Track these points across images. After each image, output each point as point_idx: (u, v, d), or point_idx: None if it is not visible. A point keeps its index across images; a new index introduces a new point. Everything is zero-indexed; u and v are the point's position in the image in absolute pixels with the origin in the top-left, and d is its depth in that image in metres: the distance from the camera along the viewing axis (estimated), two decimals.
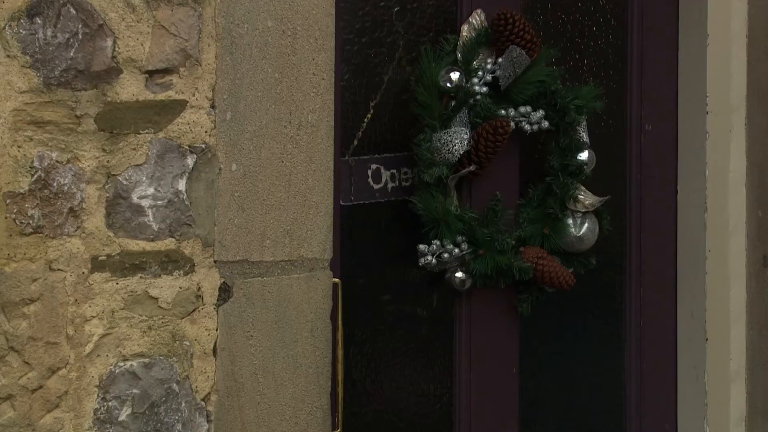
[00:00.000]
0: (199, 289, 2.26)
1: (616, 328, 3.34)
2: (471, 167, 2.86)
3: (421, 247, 2.83)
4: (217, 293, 2.29)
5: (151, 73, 2.20)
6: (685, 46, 3.41)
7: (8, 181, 2.07)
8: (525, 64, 2.88)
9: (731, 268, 3.37)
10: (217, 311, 2.29)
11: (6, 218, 2.07)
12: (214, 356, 2.29)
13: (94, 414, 2.16)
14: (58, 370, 2.13)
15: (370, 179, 2.83)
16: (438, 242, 2.83)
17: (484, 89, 2.87)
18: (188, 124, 2.25)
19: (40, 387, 2.11)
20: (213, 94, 2.27)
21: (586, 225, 3.03)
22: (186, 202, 2.25)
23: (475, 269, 2.86)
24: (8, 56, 2.07)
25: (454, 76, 2.84)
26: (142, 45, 2.19)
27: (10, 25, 2.07)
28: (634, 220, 3.34)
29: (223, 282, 2.29)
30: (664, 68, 3.38)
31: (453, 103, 2.85)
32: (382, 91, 2.88)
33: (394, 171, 2.87)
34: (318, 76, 2.42)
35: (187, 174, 2.25)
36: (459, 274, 2.89)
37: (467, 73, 2.87)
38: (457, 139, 2.80)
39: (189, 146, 2.25)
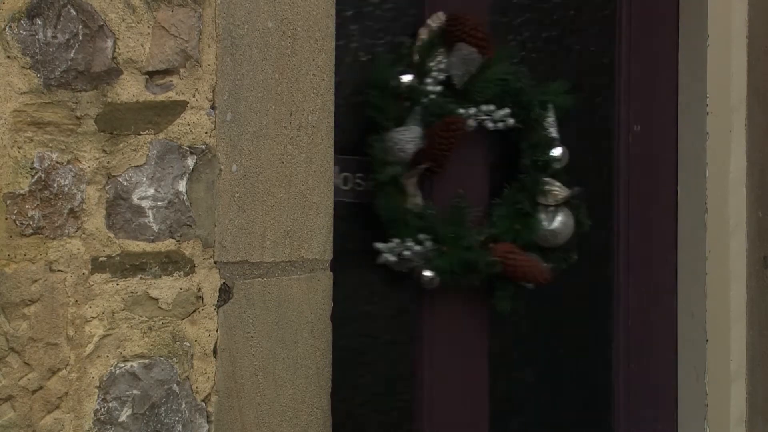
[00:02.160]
0: (199, 289, 2.26)
1: (612, 329, 3.35)
2: (425, 165, 2.89)
3: (379, 245, 2.85)
4: (217, 294, 2.29)
5: (151, 74, 2.20)
6: (685, 47, 3.42)
7: (8, 182, 2.07)
8: (477, 62, 2.93)
9: (731, 268, 3.38)
10: (217, 312, 2.29)
11: (6, 219, 2.07)
12: (215, 357, 2.29)
13: (95, 415, 2.16)
14: (59, 371, 2.13)
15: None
16: (398, 240, 2.85)
17: (438, 88, 2.91)
18: (188, 125, 2.25)
19: (41, 388, 2.11)
20: (213, 95, 2.27)
21: (558, 219, 3.05)
22: (186, 203, 2.25)
23: (439, 266, 2.89)
24: (8, 57, 2.07)
25: (407, 77, 2.89)
26: (142, 46, 2.19)
27: (10, 26, 2.07)
28: (622, 217, 3.36)
29: (224, 283, 2.29)
30: (657, 67, 3.40)
31: (407, 104, 2.89)
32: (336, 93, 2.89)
33: (348, 174, 2.90)
34: (318, 77, 2.42)
35: (187, 175, 2.25)
36: (426, 273, 2.90)
37: (422, 73, 2.91)
38: (410, 137, 2.84)
39: (189, 147, 2.25)
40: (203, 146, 2.26)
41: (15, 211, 2.07)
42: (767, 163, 3.37)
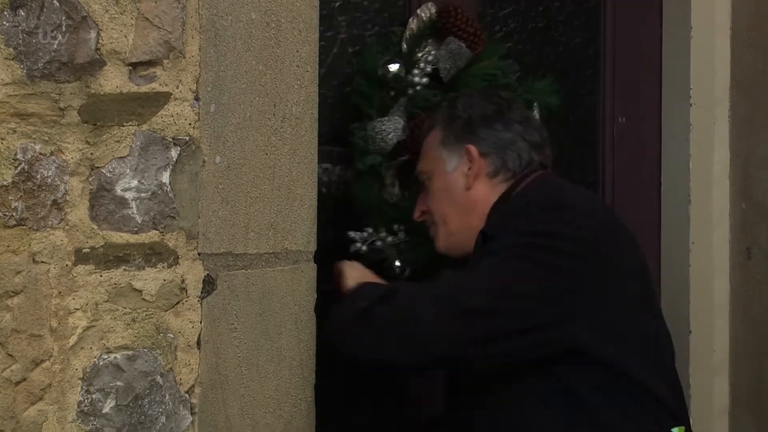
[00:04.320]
0: (183, 281, 2.26)
1: None
2: (405, 157, 2.89)
3: (352, 233, 2.84)
4: (201, 285, 2.29)
5: (134, 65, 2.20)
6: (668, 39, 3.42)
7: None
8: (466, 57, 2.92)
9: (715, 260, 3.38)
10: (201, 303, 2.29)
11: None
12: (198, 348, 2.28)
13: (78, 406, 2.16)
14: (42, 363, 2.12)
15: None
16: (370, 230, 2.85)
17: (424, 80, 2.90)
18: (172, 116, 2.24)
19: (24, 379, 2.10)
20: (197, 86, 2.27)
21: None
22: (170, 195, 2.24)
23: (410, 258, 2.89)
24: None
25: (394, 66, 2.88)
26: (125, 37, 2.19)
27: None
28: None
29: (207, 274, 2.29)
30: (642, 61, 3.41)
31: (392, 94, 2.88)
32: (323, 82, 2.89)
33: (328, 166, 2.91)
34: (302, 69, 2.42)
35: (171, 166, 2.24)
36: (397, 263, 2.90)
37: (410, 64, 2.90)
38: (392, 128, 2.83)
39: (173, 138, 2.24)
40: (187, 138, 2.26)
41: None
42: (750, 154, 3.38)
